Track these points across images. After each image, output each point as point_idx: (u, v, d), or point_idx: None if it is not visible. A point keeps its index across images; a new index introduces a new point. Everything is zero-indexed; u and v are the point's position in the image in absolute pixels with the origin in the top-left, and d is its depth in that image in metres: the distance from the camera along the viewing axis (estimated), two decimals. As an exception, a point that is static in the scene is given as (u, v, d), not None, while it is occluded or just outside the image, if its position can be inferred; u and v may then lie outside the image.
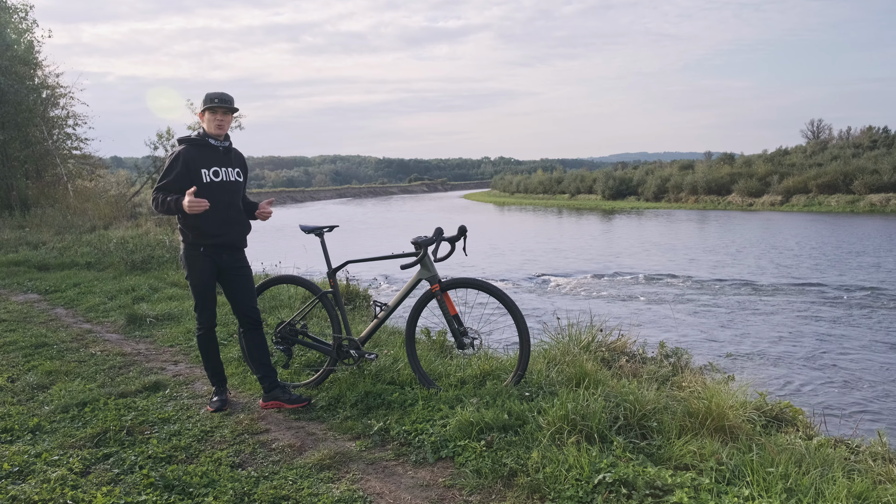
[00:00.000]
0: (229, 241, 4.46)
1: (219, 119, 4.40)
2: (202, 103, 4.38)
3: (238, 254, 4.57)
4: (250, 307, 4.59)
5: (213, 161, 4.40)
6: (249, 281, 4.61)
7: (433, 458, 3.61)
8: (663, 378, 4.95)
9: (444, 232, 4.55)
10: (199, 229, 4.37)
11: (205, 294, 4.51)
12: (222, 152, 4.46)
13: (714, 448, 3.37)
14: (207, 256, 4.43)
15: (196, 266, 4.45)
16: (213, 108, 4.37)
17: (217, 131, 4.42)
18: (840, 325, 11.77)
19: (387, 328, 6.21)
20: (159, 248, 12.23)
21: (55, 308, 8.52)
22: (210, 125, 4.40)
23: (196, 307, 4.57)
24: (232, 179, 4.47)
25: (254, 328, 4.61)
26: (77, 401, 4.62)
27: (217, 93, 4.39)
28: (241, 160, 4.66)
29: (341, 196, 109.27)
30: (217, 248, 4.43)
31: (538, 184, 73.02)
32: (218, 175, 4.39)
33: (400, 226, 40.80)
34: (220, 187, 4.38)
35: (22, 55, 21.78)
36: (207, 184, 4.33)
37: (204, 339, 4.61)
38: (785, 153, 53.31)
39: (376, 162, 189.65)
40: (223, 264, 4.49)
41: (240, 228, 4.53)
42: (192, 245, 4.43)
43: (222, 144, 4.46)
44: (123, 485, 3.41)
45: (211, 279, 4.50)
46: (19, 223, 17.76)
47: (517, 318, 4.27)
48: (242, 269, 4.58)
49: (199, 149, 4.39)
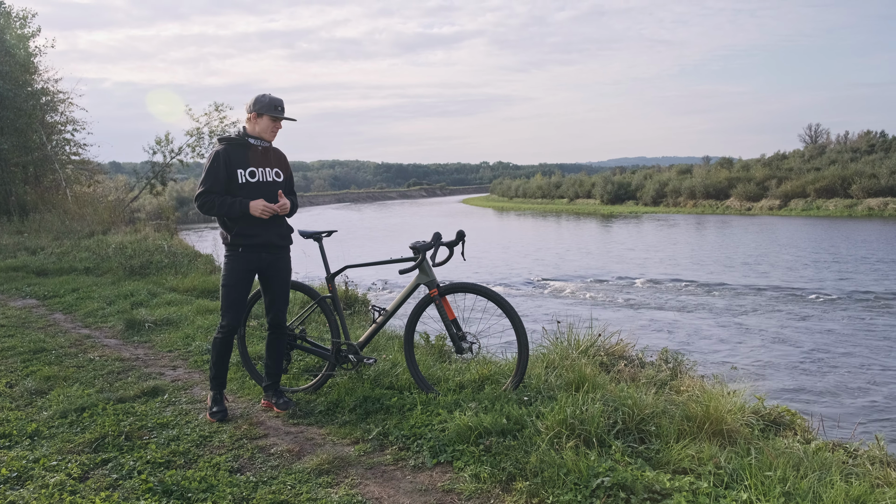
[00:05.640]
0: (267, 241, 4.39)
1: (278, 127, 4.42)
2: (262, 106, 4.32)
3: (279, 252, 4.49)
4: (279, 310, 4.56)
5: (251, 161, 4.36)
6: (285, 284, 4.57)
7: (432, 462, 3.61)
8: (661, 382, 4.96)
9: (442, 237, 4.56)
10: (236, 230, 4.34)
11: (233, 295, 4.41)
12: (261, 152, 4.42)
13: (712, 452, 3.38)
14: (245, 257, 4.37)
15: (231, 265, 4.38)
16: (276, 117, 4.36)
17: (271, 138, 4.42)
18: (838, 328, 11.78)
19: (385, 333, 6.21)
20: (158, 254, 12.22)
21: (53, 313, 8.51)
22: (266, 132, 4.37)
23: (221, 307, 4.46)
24: (269, 179, 4.41)
25: (274, 330, 4.61)
26: (75, 406, 4.61)
27: (279, 99, 4.36)
28: (282, 160, 4.58)
29: (340, 201, 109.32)
30: (255, 248, 4.37)
31: (537, 188, 73.12)
32: (255, 175, 4.35)
33: (398, 230, 40.81)
34: (256, 188, 4.33)
35: (22, 61, 21.81)
36: (243, 184, 4.30)
37: (220, 343, 4.48)
38: (783, 157, 53.44)
39: (375, 167, 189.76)
40: (262, 264, 4.44)
41: (277, 230, 4.44)
42: (232, 245, 4.39)
43: (262, 144, 4.42)
44: (122, 490, 3.40)
45: (242, 282, 4.41)
46: (18, 228, 17.75)
47: (516, 322, 4.27)
48: (282, 272, 4.52)
49: (238, 149, 4.37)
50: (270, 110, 4.33)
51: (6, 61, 20.93)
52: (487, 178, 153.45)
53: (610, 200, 57.97)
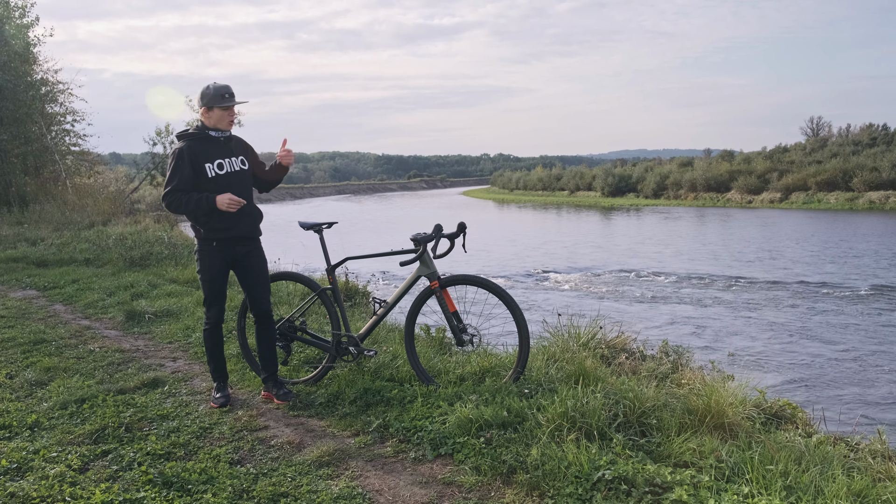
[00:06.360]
0: (240, 233, 4.41)
1: (232, 115, 4.38)
2: (209, 99, 4.28)
3: (251, 244, 4.51)
4: (260, 298, 4.55)
5: (216, 153, 4.34)
6: (262, 273, 4.56)
7: (432, 454, 3.60)
8: (663, 375, 4.95)
9: (443, 229, 4.54)
10: (209, 224, 4.33)
11: (214, 289, 4.46)
12: (223, 143, 4.40)
13: (713, 445, 3.37)
14: (220, 251, 4.38)
15: (207, 261, 4.41)
16: (226, 106, 4.31)
17: (229, 127, 4.39)
18: (839, 321, 11.77)
19: (386, 325, 6.20)
20: (158, 245, 12.20)
21: (54, 304, 8.50)
22: (222, 122, 4.34)
23: (205, 302, 4.53)
24: (237, 169, 4.41)
25: (260, 321, 4.59)
26: (76, 397, 4.61)
27: (225, 86, 4.32)
28: (243, 145, 4.57)
29: (340, 193, 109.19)
30: (229, 241, 4.39)
31: (537, 180, 73.01)
32: (223, 167, 4.34)
33: (399, 222, 40.79)
34: (226, 179, 4.33)
35: (21, 51, 21.73)
36: (213, 178, 4.29)
37: (210, 334, 4.56)
38: (784, 150, 53.30)
39: (375, 158, 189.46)
40: (237, 256, 4.45)
41: (250, 219, 4.45)
42: (205, 240, 4.39)
43: (223, 135, 4.39)
44: (122, 481, 3.40)
45: (221, 275, 4.45)
46: (18, 219, 17.73)
47: (516, 314, 4.26)
48: (255, 261, 4.51)
49: (200, 143, 4.34)
50: (218, 101, 4.29)
51: (5, 51, 20.85)
52: (488, 170, 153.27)
53: (611, 193, 57.88)
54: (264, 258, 4.63)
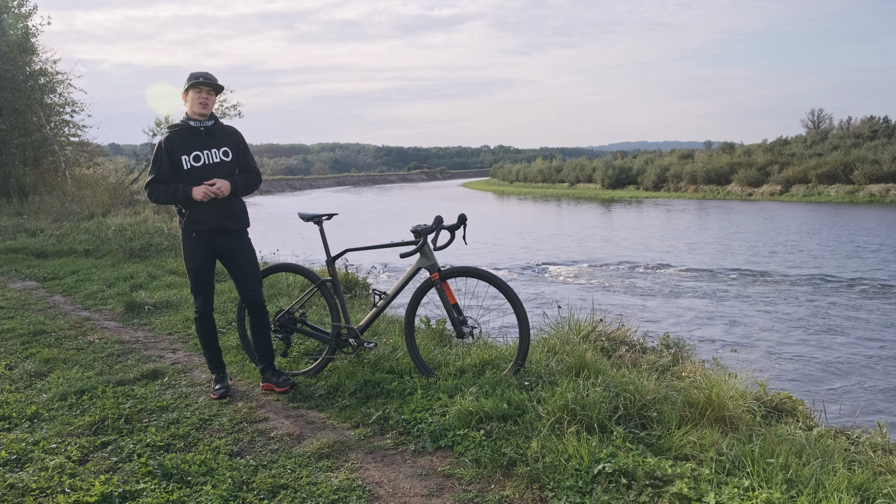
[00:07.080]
0: (218, 226, 4.36)
1: (203, 97, 4.28)
2: (185, 83, 4.28)
3: (233, 236, 4.46)
4: (250, 290, 4.52)
5: (194, 145, 4.30)
6: (249, 264, 4.52)
7: (432, 447, 3.60)
8: (663, 368, 4.94)
9: (443, 220, 4.52)
10: (188, 215, 4.32)
11: (198, 279, 4.48)
12: (204, 134, 4.34)
13: (714, 438, 3.36)
14: (200, 241, 4.38)
15: (189, 251, 4.41)
16: (198, 86, 4.26)
17: (201, 110, 4.30)
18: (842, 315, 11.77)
19: (386, 317, 6.19)
20: (158, 236, 12.19)
21: (53, 295, 8.49)
22: (194, 104, 4.29)
23: (192, 290, 4.56)
24: (216, 161, 4.34)
25: (253, 312, 4.57)
26: (75, 389, 4.61)
27: (200, 72, 4.31)
28: (231, 137, 4.48)
29: (340, 184, 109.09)
30: (209, 233, 4.37)
31: (538, 172, 72.90)
32: (199, 160, 4.30)
33: (399, 214, 40.74)
34: (203, 172, 4.28)
35: (20, 41, 21.63)
36: (188, 170, 4.27)
37: (200, 323, 4.59)
38: (785, 143, 53.16)
39: (375, 150, 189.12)
40: (220, 248, 4.43)
41: (228, 212, 4.38)
42: (186, 231, 4.39)
43: (203, 125, 4.33)
44: (121, 473, 3.40)
45: (205, 265, 4.45)
46: (17, 210, 17.70)
47: (517, 307, 4.25)
48: (239, 252, 4.47)
49: (180, 134, 4.31)
50: (190, 80, 4.27)
51: (3, 41, 20.76)
52: (488, 162, 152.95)
53: (611, 185, 57.78)
54: (251, 249, 4.59)
